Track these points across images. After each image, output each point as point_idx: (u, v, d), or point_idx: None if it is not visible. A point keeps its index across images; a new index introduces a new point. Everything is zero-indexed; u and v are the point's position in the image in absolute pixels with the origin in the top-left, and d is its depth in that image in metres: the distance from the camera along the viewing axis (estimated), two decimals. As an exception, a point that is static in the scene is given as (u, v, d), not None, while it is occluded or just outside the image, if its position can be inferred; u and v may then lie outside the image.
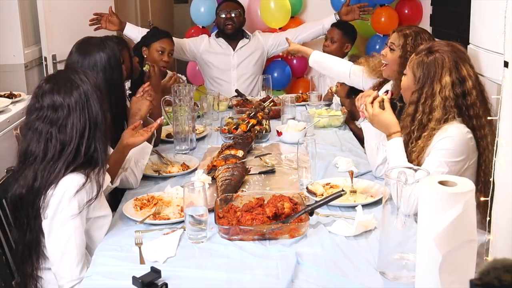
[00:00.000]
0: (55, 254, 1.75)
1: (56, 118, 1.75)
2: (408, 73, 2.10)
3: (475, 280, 0.94)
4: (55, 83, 1.79)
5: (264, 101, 3.36)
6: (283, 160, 2.52)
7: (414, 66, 2.05)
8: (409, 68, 2.08)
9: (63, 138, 1.74)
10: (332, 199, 1.89)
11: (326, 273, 1.58)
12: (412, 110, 2.03)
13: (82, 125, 1.76)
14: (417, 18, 4.59)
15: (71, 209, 1.72)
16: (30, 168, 1.75)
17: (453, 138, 1.94)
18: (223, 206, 1.93)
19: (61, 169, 1.73)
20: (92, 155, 1.78)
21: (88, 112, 1.77)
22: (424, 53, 2.04)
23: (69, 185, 1.72)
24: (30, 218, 1.76)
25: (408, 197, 1.53)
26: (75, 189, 1.72)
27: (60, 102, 1.75)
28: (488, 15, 1.80)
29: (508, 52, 1.39)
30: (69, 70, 1.90)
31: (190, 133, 2.70)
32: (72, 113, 1.75)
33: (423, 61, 2.02)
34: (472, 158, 2.00)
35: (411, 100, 2.04)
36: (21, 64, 3.34)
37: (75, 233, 1.74)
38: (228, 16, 3.93)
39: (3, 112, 2.83)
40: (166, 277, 1.55)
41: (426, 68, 2.01)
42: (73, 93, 1.76)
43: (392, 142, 2.06)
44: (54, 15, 3.44)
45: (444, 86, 1.97)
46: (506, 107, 1.40)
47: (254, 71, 4.06)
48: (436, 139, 1.96)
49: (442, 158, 1.94)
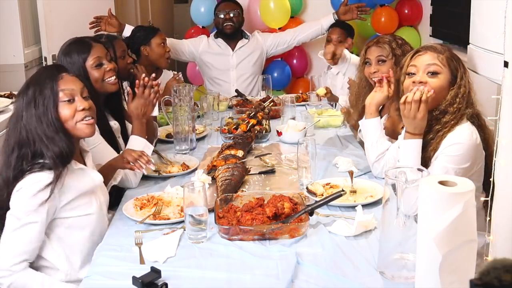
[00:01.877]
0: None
1: (14, 116, 1.82)
2: (444, 72, 2.00)
3: (475, 280, 0.94)
4: (27, 82, 1.85)
5: (264, 101, 3.36)
6: (283, 160, 2.52)
7: (450, 62, 2.00)
8: (445, 66, 2.00)
9: (18, 136, 1.78)
10: (332, 199, 1.89)
11: (326, 273, 1.58)
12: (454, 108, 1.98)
13: (33, 123, 1.78)
14: (417, 18, 4.60)
15: (31, 206, 1.73)
16: (5, 165, 1.80)
17: (463, 144, 1.92)
18: (223, 206, 1.93)
19: (28, 167, 1.75)
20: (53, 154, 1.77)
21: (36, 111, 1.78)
22: (446, 49, 2.03)
23: (31, 187, 1.73)
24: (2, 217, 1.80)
25: (408, 197, 1.53)
26: (37, 188, 1.73)
27: (18, 101, 1.82)
28: (488, 15, 1.80)
29: (508, 52, 1.39)
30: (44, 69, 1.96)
31: (190, 133, 2.70)
32: (22, 113, 1.79)
33: (452, 56, 2.01)
34: (479, 162, 1.99)
35: (455, 94, 1.98)
36: (21, 64, 3.34)
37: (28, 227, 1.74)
38: (227, 16, 3.93)
39: (3, 112, 2.83)
40: (166, 277, 1.55)
41: (457, 62, 2.00)
42: (18, 98, 1.82)
43: (411, 142, 1.98)
44: (54, 15, 3.44)
45: (468, 76, 1.99)
46: (506, 107, 1.40)
47: (253, 71, 4.06)
48: (446, 143, 1.94)
49: (449, 165, 1.92)
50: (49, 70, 1.89)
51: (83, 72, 2.30)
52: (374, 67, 2.54)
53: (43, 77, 1.82)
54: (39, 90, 1.78)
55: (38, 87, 1.79)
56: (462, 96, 1.97)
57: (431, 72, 1.99)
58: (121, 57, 2.83)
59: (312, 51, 4.51)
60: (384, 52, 2.52)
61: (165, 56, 3.51)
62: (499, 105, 1.43)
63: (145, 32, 3.50)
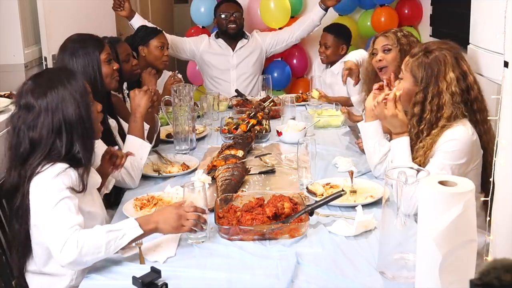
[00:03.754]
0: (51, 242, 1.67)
1: (28, 118, 1.76)
2: (405, 76, 2.08)
3: (475, 280, 0.94)
4: (35, 83, 1.79)
5: (264, 101, 3.36)
6: (283, 160, 2.52)
7: (414, 68, 2.04)
8: (407, 71, 2.08)
9: (33, 137, 1.74)
10: (332, 199, 1.89)
11: (326, 273, 1.58)
12: (418, 111, 2.02)
13: (55, 126, 1.74)
14: (417, 18, 4.59)
15: (57, 186, 1.69)
16: (13, 166, 1.77)
17: (459, 140, 1.94)
18: (223, 206, 1.93)
19: (36, 167, 1.72)
20: (75, 155, 1.77)
21: (62, 114, 1.75)
22: (422, 53, 2.04)
23: (50, 172, 1.70)
24: (11, 219, 1.77)
25: (408, 197, 1.53)
26: (57, 171, 1.70)
27: (32, 103, 1.75)
28: (488, 15, 1.80)
29: (508, 52, 1.39)
30: (57, 70, 1.90)
31: (190, 133, 2.70)
32: (43, 114, 1.75)
33: (423, 61, 2.02)
34: (476, 159, 1.99)
35: (416, 101, 2.03)
36: (21, 64, 3.33)
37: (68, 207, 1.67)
38: (231, 18, 3.93)
39: (3, 112, 2.82)
40: (166, 277, 1.55)
41: (428, 67, 2.01)
42: (47, 95, 1.76)
43: (399, 141, 2.05)
44: (54, 15, 3.43)
45: (449, 82, 1.97)
46: (506, 107, 1.40)
47: (253, 71, 4.07)
48: (442, 140, 1.96)
49: (446, 161, 1.93)
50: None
51: (97, 64, 2.32)
52: (380, 55, 2.63)
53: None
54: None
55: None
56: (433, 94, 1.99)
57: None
58: (125, 61, 2.83)
59: (312, 51, 4.51)
60: (390, 41, 2.60)
61: (162, 59, 3.46)
62: (499, 105, 1.43)
63: (145, 33, 3.48)
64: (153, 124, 2.56)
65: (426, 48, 2.06)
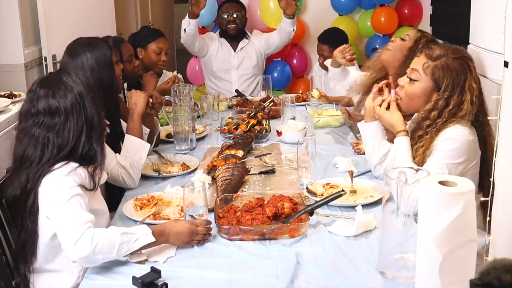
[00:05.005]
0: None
1: (54, 123, 1.74)
2: (423, 79, 2.00)
3: (475, 280, 0.94)
4: (49, 87, 1.77)
5: (264, 101, 3.36)
6: (283, 160, 2.52)
7: (436, 72, 1.98)
8: (426, 75, 2.00)
9: (61, 143, 1.74)
10: (332, 199, 1.89)
11: (326, 273, 1.58)
12: (435, 116, 1.98)
13: (79, 127, 1.75)
14: (417, 18, 4.60)
15: (68, 183, 1.69)
16: (24, 172, 1.75)
17: (455, 140, 1.93)
18: (223, 206, 1.93)
19: (49, 166, 1.72)
20: (88, 154, 1.78)
21: (84, 114, 1.76)
22: (448, 57, 1.97)
23: (61, 170, 1.71)
24: (23, 218, 1.76)
25: (408, 197, 1.53)
26: (67, 170, 1.70)
27: (56, 106, 1.74)
28: (488, 15, 1.80)
29: (508, 52, 1.39)
30: (61, 72, 1.88)
31: (190, 133, 2.70)
32: (69, 116, 1.74)
33: (450, 66, 1.96)
34: (474, 159, 1.99)
35: (437, 107, 1.97)
36: (21, 64, 3.33)
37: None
38: (231, 18, 3.93)
39: (3, 112, 2.83)
40: (166, 277, 1.55)
41: (456, 76, 1.95)
42: (67, 96, 1.75)
43: (397, 140, 2.05)
44: (54, 15, 3.43)
45: (472, 93, 1.95)
46: (506, 107, 1.40)
47: (254, 71, 4.07)
48: (439, 140, 1.96)
49: (442, 160, 1.93)
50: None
51: (110, 64, 2.35)
52: (395, 39, 2.66)
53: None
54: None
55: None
56: (440, 110, 1.97)
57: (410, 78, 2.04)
58: (128, 61, 2.82)
59: (312, 51, 4.51)
60: (412, 34, 2.60)
61: (158, 64, 3.38)
62: (499, 105, 1.43)
63: (145, 35, 3.42)
64: (153, 127, 2.56)
65: (454, 51, 1.99)
